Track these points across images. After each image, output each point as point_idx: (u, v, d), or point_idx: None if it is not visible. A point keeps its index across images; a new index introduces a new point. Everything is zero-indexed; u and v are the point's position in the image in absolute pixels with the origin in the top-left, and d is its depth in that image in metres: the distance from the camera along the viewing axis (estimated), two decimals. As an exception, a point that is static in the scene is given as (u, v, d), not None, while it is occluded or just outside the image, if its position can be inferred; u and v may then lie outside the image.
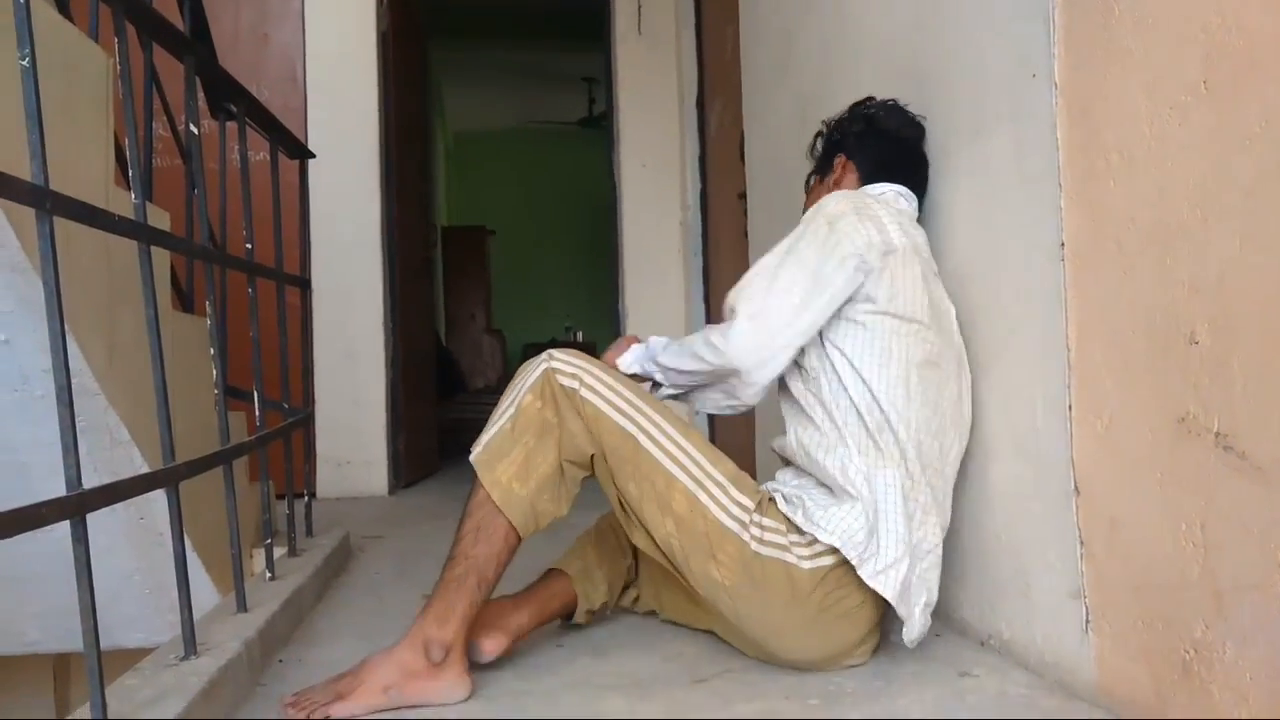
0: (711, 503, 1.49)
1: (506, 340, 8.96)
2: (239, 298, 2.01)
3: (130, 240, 1.38)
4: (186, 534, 1.42)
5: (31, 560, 1.79)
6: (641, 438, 1.50)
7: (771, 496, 1.55)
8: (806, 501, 1.51)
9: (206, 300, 1.69)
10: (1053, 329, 1.43)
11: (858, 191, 1.73)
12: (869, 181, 1.77)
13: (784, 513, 1.51)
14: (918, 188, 1.79)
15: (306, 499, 2.53)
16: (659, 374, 1.67)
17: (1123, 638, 1.30)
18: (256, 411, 1.93)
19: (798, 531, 1.50)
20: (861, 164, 1.80)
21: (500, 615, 1.58)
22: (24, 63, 1.09)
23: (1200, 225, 1.14)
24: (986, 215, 1.64)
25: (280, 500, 2.33)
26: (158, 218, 1.89)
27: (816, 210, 1.61)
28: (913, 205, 1.76)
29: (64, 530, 1.08)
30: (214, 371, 1.69)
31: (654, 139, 4.64)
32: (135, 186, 1.41)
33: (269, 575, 1.94)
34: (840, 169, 1.83)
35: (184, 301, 2.48)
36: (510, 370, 8.14)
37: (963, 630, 1.72)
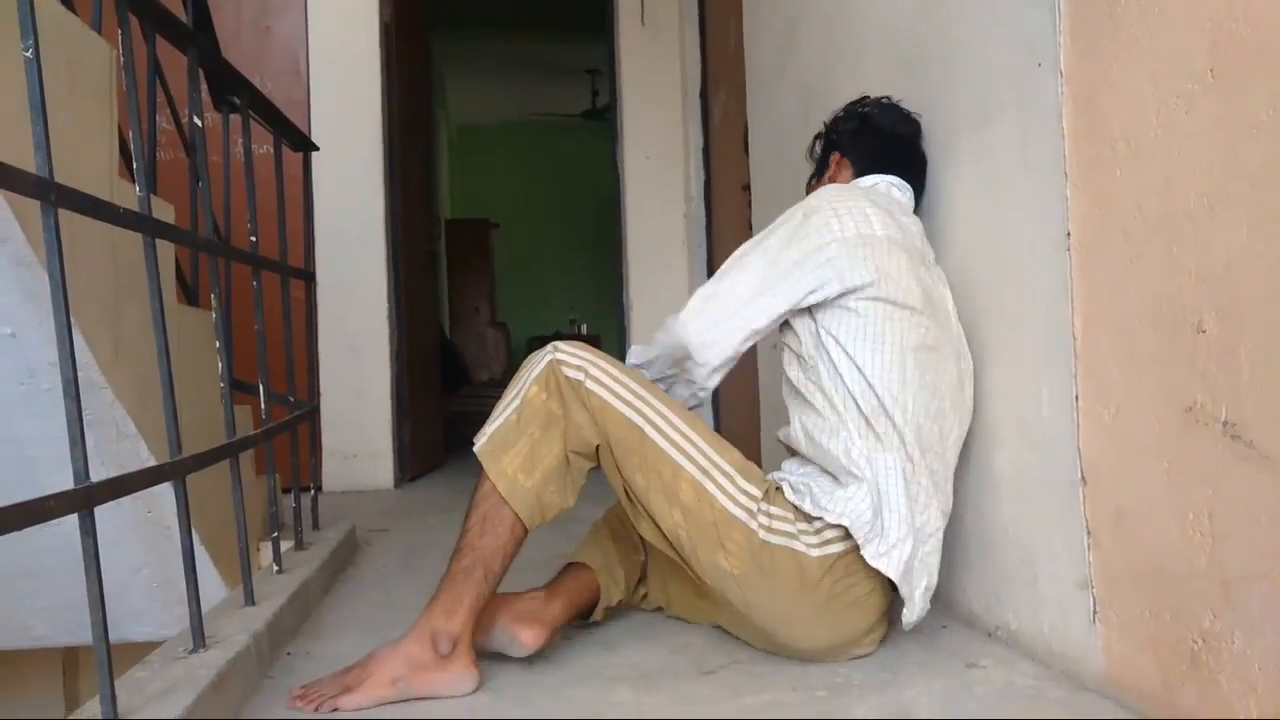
0: (719, 492, 1.49)
1: (511, 333, 8.95)
2: (243, 291, 2.01)
3: (135, 233, 1.38)
4: (194, 527, 1.42)
5: (40, 554, 1.80)
6: (647, 428, 1.50)
7: (778, 486, 1.55)
8: (813, 488, 1.52)
9: (211, 293, 1.69)
10: (1059, 318, 1.43)
11: (848, 185, 1.74)
12: (863, 175, 1.78)
13: (791, 501, 1.52)
14: (914, 182, 1.79)
15: (313, 492, 2.53)
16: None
17: (1130, 628, 1.30)
18: (262, 405, 1.94)
19: (805, 520, 1.50)
20: (856, 160, 1.81)
21: (537, 608, 1.57)
22: (27, 54, 1.09)
23: (1207, 214, 1.13)
24: (992, 205, 1.64)
25: (286, 494, 2.33)
26: (162, 210, 1.89)
27: (800, 203, 1.64)
28: (907, 195, 1.76)
29: (72, 524, 1.08)
30: (219, 365, 1.69)
31: (657, 131, 4.63)
32: (139, 179, 1.41)
33: (276, 568, 1.95)
34: (835, 165, 1.84)
35: (189, 295, 2.48)
36: (515, 363, 8.14)
37: (969, 621, 1.72)
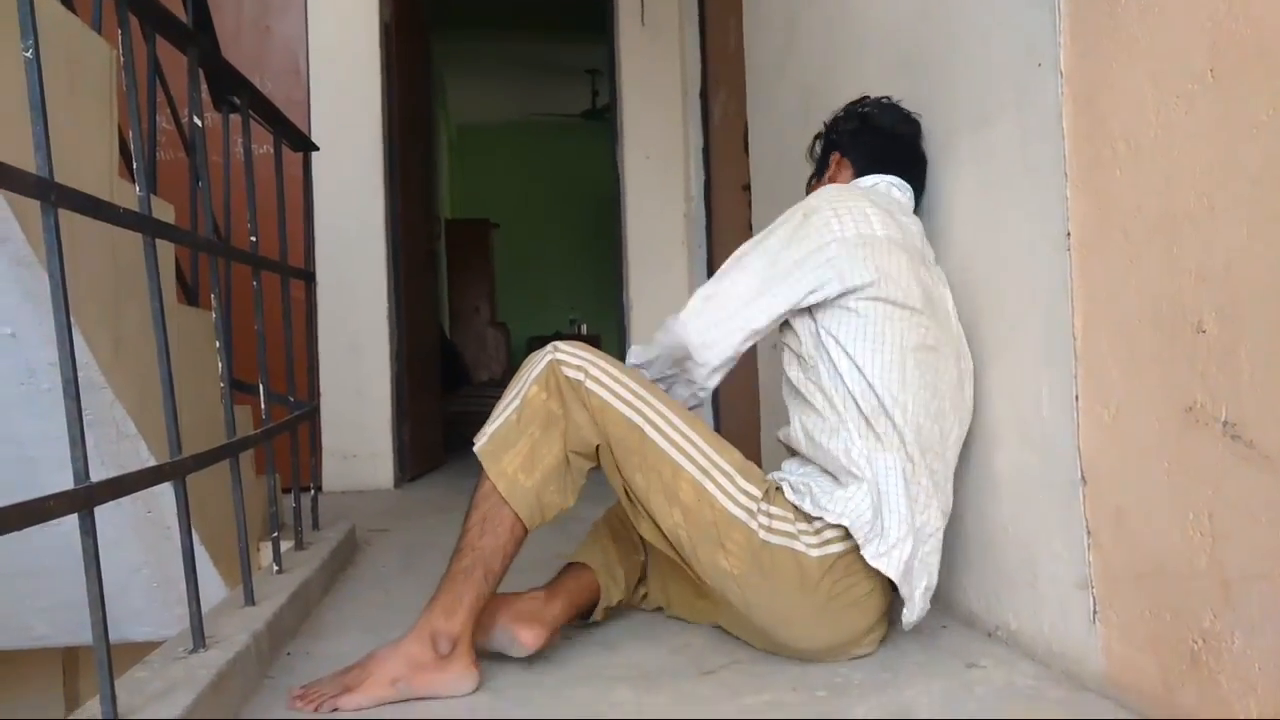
0: (719, 492, 1.49)
1: (511, 333, 8.94)
2: (243, 291, 2.01)
3: (135, 233, 1.38)
4: (194, 527, 1.42)
5: (39, 554, 1.80)
6: (647, 428, 1.50)
7: (778, 486, 1.55)
8: (813, 488, 1.52)
9: (211, 293, 1.68)
10: (1059, 318, 1.43)
11: (848, 185, 1.74)
12: (863, 175, 1.78)
13: (791, 501, 1.52)
14: (914, 182, 1.79)
15: (312, 492, 2.53)
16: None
17: (1130, 628, 1.30)
18: (262, 405, 1.93)
19: (805, 520, 1.50)
20: (856, 160, 1.81)
21: (537, 608, 1.57)
22: (27, 54, 1.09)
23: (1207, 214, 1.13)
24: (992, 205, 1.64)
25: (286, 494, 2.33)
26: (162, 210, 1.89)
27: (800, 203, 1.64)
28: (907, 195, 1.76)
29: (71, 524, 1.08)
30: (219, 365, 1.69)
31: (657, 130, 4.63)
32: (139, 179, 1.41)
33: (276, 568, 1.94)
34: (835, 165, 1.85)
35: (189, 295, 2.48)
36: (514, 363, 8.14)
37: (969, 621, 1.72)
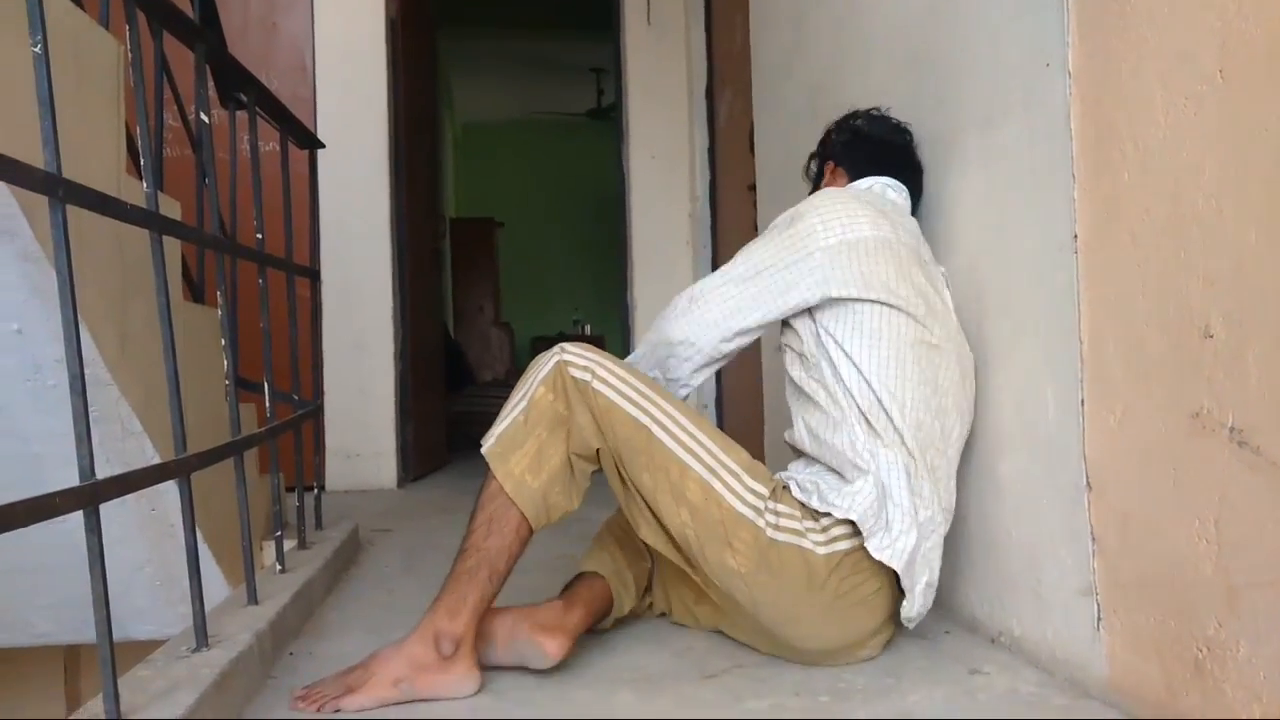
0: (726, 490, 1.49)
1: (515, 333, 8.94)
2: (249, 288, 2.01)
3: (142, 229, 1.38)
4: (198, 525, 1.42)
5: (42, 551, 1.80)
6: (654, 428, 1.50)
7: (786, 484, 1.56)
8: (821, 485, 1.53)
9: (217, 290, 1.68)
10: (1065, 322, 1.42)
11: (842, 189, 1.75)
12: (857, 178, 1.79)
13: (799, 499, 1.52)
14: (909, 185, 1.80)
15: (316, 491, 2.53)
16: None
17: (1135, 635, 1.29)
18: (267, 403, 1.93)
19: (813, 517, 1.50)
20: (850, 166, 1.83)
21: (557, 617, 1.56)
22: (36, 50, 1.09)
23: (1216, 217, 1.13)
24: (998, 206, 1.63)
25: (290, 493, 2.33)
26: (169, 207, 1.89)
27: (791, 209, 1.66)
28: (902, 195, 1.77)
29: (75, 521, 1.08)
30: (225, 362, 1.68)
31: (663, 130, 4.63)
32: (147, 175, 1.41)
33: (279, 568, 1.94)
34: (830, 174, 1.87)
35: (194, 292, 2.48)
36: (518, 363, 8.15)
37: (973, 627, 1.72)
